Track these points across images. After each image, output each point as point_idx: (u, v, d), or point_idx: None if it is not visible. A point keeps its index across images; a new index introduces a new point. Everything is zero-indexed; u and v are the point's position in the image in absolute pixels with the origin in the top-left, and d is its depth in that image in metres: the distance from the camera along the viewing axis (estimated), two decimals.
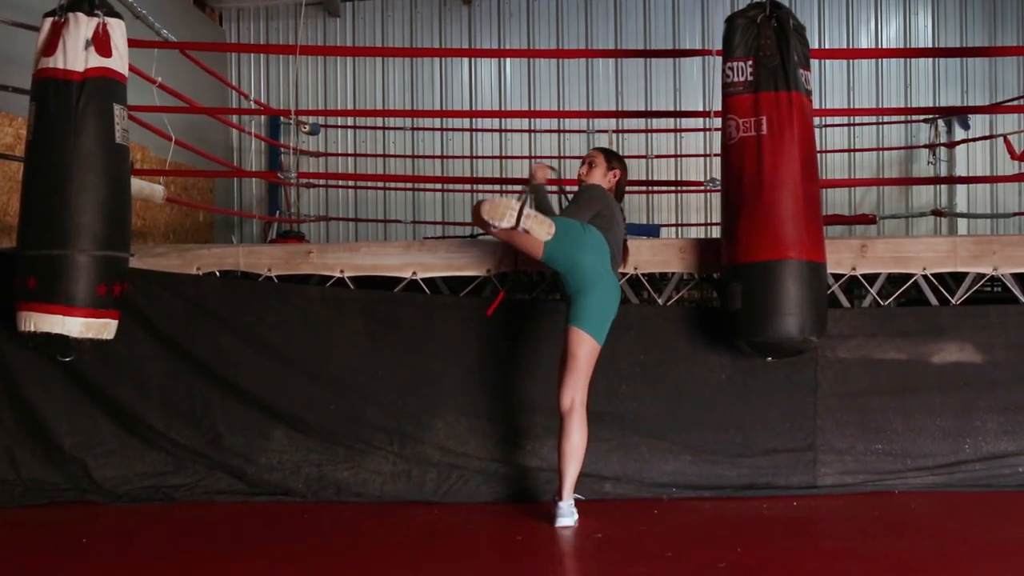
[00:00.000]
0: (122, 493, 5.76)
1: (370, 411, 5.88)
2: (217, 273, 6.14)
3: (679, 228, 13.07)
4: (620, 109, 13.44)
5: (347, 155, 13.76)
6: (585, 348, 5.15)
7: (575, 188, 5.86)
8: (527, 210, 5.16)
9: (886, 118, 13.12)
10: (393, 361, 5.92)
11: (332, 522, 5.35)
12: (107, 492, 5.75)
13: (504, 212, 5.12)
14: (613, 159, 5.66)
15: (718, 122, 5.72)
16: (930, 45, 13.44)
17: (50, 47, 5.37)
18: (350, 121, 13.81)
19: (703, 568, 4.40)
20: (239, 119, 13.06)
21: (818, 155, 5.73)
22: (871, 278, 6.12)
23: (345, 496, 5.77)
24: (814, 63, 5.67)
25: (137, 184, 6.65)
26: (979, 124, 12.64)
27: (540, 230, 5.15)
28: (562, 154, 13.17)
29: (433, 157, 13.54)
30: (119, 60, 5.51)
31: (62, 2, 5.44)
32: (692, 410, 5.87)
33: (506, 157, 13.40)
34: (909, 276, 6.08)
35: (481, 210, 5.19)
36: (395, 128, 13.67)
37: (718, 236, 5.74)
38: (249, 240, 13.34)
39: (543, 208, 5.64)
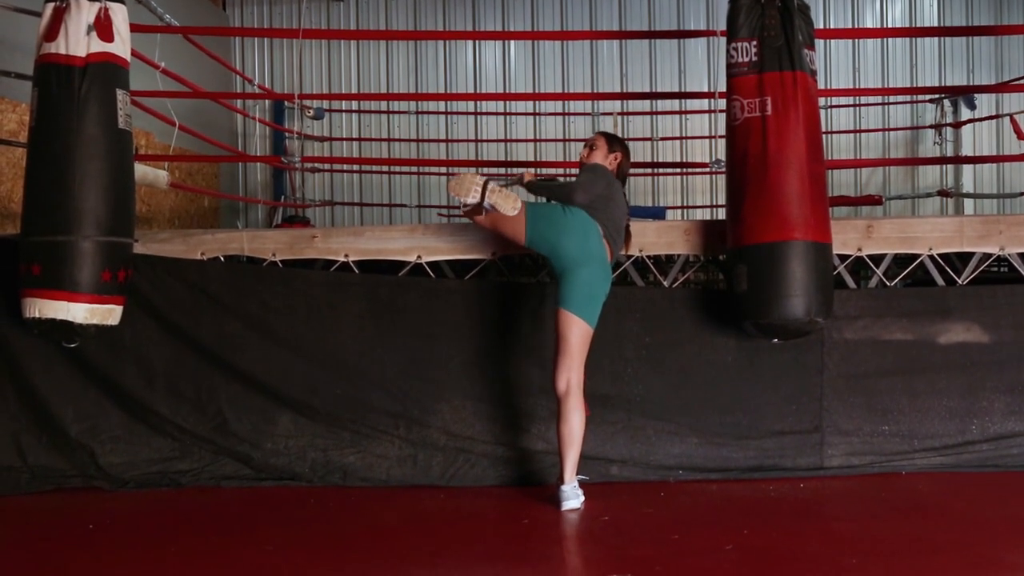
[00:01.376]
0: (129, 479, 5.77)
1: (375, 395, 5.88)
2: (222, 258, 6.14)
3: (684, 210, 13.06)
4: (625, 91, 13.40)
5: (351, 139, 13.75)
6: (575, 330, 5.14)
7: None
8: (492, 185, 5.19)
9: (892, 98, 13.09)
10: (398, 345, 5.92)
11: (338, 507, 5.36)
12: (114, 478, 5.76)
13: (469, 187, 5.20)
14: (615, 142, 5.64)
15: (723, 103, 5.70)
16: (936, 24, 13.38)
17: (52, 32, 5.35)
18: (354, 105, 13.79)
19: (710, 550, 4.40)
20: (243, 104, 13.04)
21: (823, 136, 5.71)
22: (877, 259, 6.09)
23: (351, 481, 5.78)
24: (819, 43, 5.64)
25: (141, 170, 6.64)
26: (985, 104, 12.57)
27: (505, 205, 5.20)
28: (566, 137, 13.17)
29: (438, 141, 13.52)
30: (121, 45, 5.48)
31: None
32: (698, 392, 5.86)
33: (511, 140, 13.40)
34: (915, 256, 6.06)
35: (449, 187, 5.29)
36: (399, 112, 13.65)
37: (723, 218, 5.73)
38: (254, 225, 13.33)
39: (540, 193, 5.62)
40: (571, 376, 5.14)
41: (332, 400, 5.87)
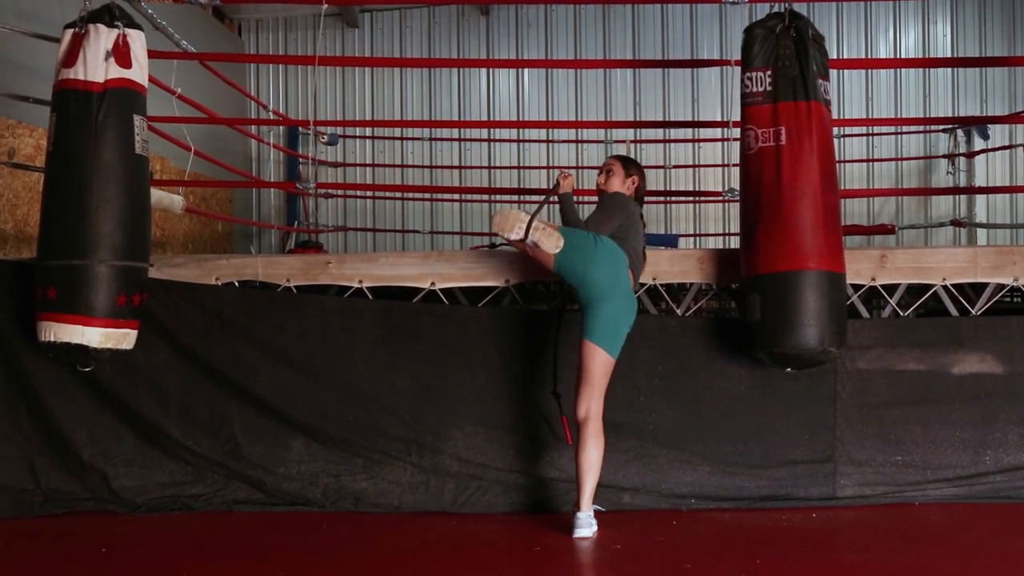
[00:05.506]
0: (141, 503, 5.78)
1: (388, 421, 5.88)
2: (236, 283, 6.16)
3: (697, 238, 13.05)
4: (638, 119, 13.42)
5: (365, 165, 13.78)
6: (597, 361, 5.14)
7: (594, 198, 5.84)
8: (536, 222, 5.19)
9: (905, 128, 13.08)
10: (411, 371, 5.92)
11: (350, 532, 5.36)
12: (126, 502, 5.77)
13: (514, 224, 5.19)
14: (630, 165, 5.66)
15: (737, 132, 5.72)
16: (949, 55, 13.39)
17: (70, 58, 5.40)
18: (368, 131, 13.83)
19: None
20: (258, 130, 13.11)
21: (837, 165, 5.72)
22: (891, 288, 6.09)
23: (363, 506, 5.77)
24: (833, 73, 5.65)
25: (157, 194, 6.67)
26: (998, 134, 12.57)
27: (548, 243, 5.19)
28: (580, 164, 13.19)
29: (451, 167, 13.56)
30: (139, 71, 5.52)
31: (83, 14, 5.47)
32: (711, 421, 5.85)
33: (524, 167, 13.42)
34: (929, 287, 6.05)
35: (492, 222, 5.29)
36: (413, 138, 13.68)
37: (737, 246, 5.73)
38: (267, 250, 13.36)
39: (570, 217, 5.60)
40: (591, 405, 5.14)
41: (345, 425, 5.88)
